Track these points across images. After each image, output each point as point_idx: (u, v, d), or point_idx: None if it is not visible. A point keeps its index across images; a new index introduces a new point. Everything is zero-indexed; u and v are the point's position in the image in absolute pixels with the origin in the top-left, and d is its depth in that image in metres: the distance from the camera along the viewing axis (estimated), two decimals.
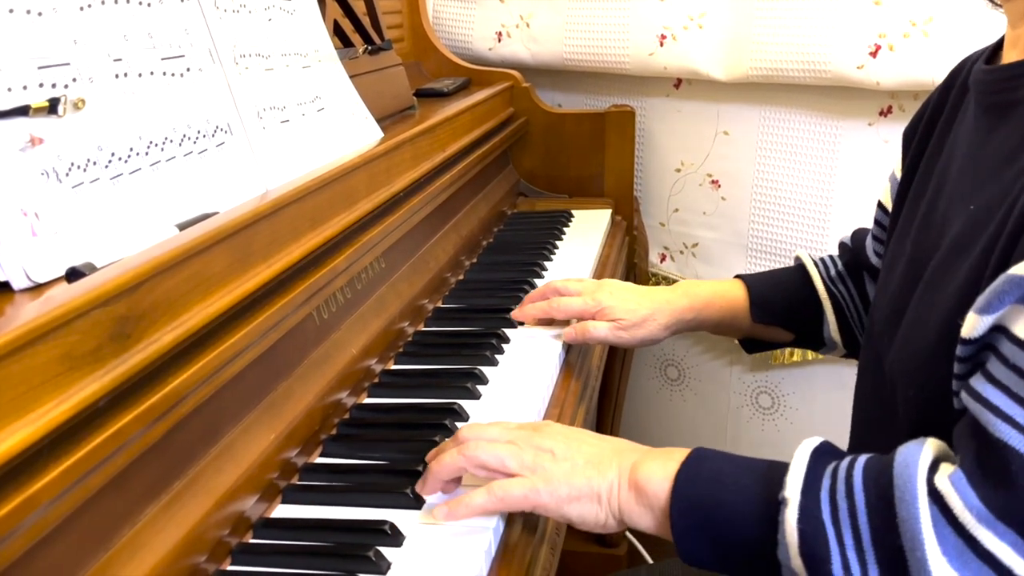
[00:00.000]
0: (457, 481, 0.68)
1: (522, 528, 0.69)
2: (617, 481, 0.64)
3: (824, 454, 0.59)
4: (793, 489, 0.55)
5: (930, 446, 0.54)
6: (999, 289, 0.51)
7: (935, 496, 0.51)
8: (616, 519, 0.65)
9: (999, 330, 0.52)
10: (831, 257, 0.99)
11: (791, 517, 0.54)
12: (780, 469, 0.58)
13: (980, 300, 0.52)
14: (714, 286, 1.00)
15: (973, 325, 0.52)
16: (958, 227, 0.64)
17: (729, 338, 1.60)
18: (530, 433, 0.68)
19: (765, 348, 1.04)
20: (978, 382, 0.53)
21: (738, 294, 0.99)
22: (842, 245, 0.99)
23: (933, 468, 0.53)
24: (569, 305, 0.97)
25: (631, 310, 0.94)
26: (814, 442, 0.60)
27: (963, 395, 0.54)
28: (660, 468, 0.63)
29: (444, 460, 0.66)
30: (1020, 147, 0.59)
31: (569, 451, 0.66)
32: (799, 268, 0.99)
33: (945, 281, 0.62)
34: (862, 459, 0.56)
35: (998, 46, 0.69)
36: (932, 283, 0.65)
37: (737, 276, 1.01)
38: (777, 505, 0.56)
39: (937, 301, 0.62)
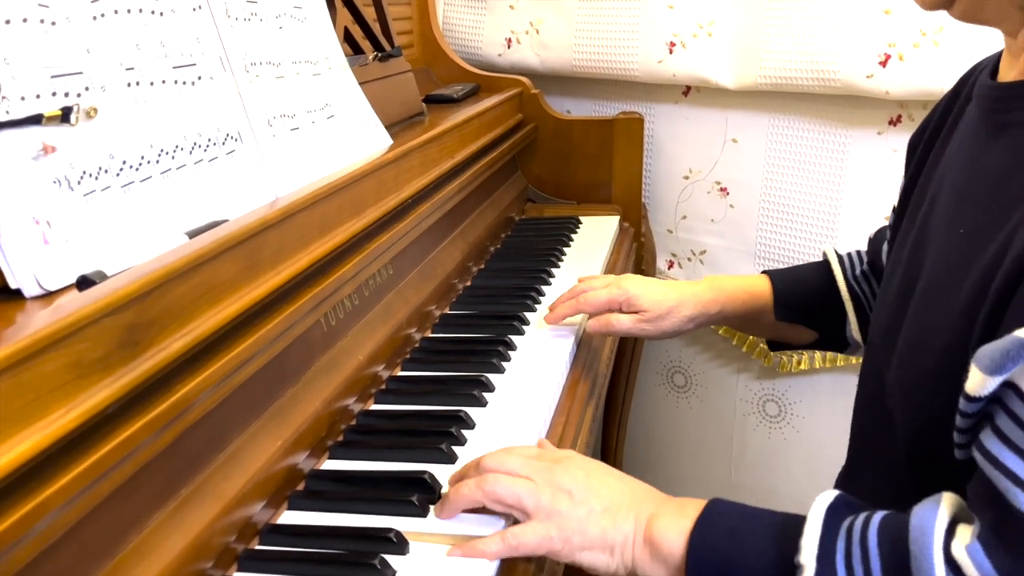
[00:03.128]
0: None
1: None
2: (632, 535, 0.63)
3: (839, 510, 0.58)
4: (808, 555, 0.55)
5: (946, 507, 0.53)
6: (1010, 352, 0.49)
7: (952, 565, 0.50)
8: (627, 571, 0.64)
9: (1008, 386, 0.51)
10: (858, 253, 0.97)
11: None
12: (795, 528, 0.57)
13: (984, 359, 0.51)
14: (740, 281, 0.99)
15: (980, 384, 0.51)
16: (947, 249, 0.63)
17: (737, 345, 1.61)
18: (550, 467, 0.67)
19: (789, 347, 1.03)
20: (992, 442, 0.51)
21: (763, 290, 0.98)
22: (869, 242, 0.97)
23: (950, 532, 0.52)
24: (596, 298, 0.97)
25: (657, 301, 0.94)
26: (828, 497, 0.59)
27: (976, 454, 0.53)
28: (675, 524, 0.62)
29: (462, 491, 0.66)
30: (1010, 173, 0.59)
31: (587, 494, 0.65)
32: (824, 264, 0.98)
33: (937, 310, 0.62)
34: (876, 518, 0.56)
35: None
36: (924, 307, 0.65)
37: (764, 272, 1.00)
38: (792, 568, 0.55)
39: (931, 331, 0.62)
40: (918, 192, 0.75)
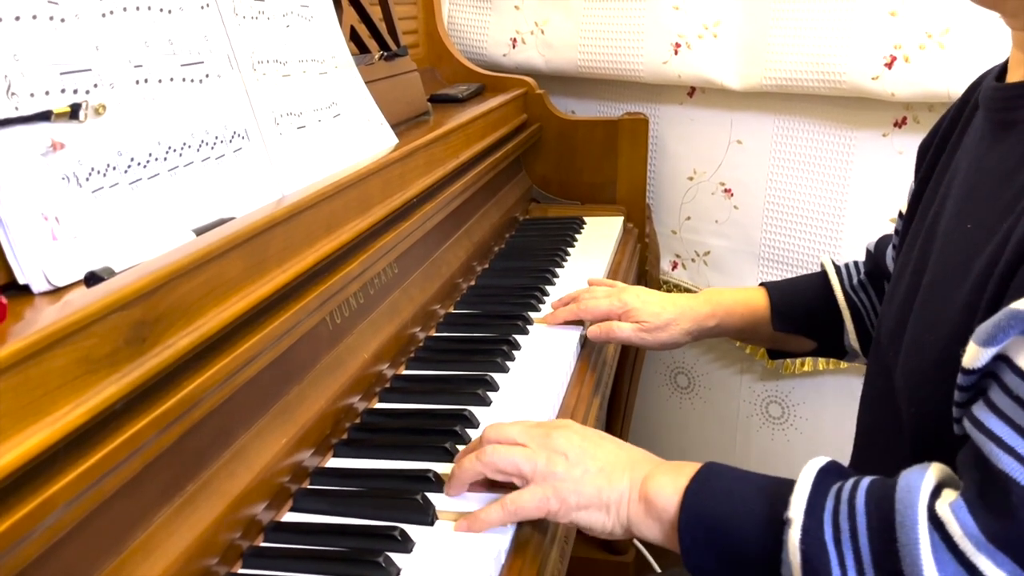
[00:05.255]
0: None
1: (532, 534, 0.69)
2: (628, 493, 0.65)
3: (830, 474, 0.59)
4: (797, 509, 0.56)
5: (933, 471, 0.54)
6: (1001, 323, 0.51)
7: (935, 522, 0.51)
8: (623, 528, 0.66)
9: (1001, 359, 0.52)
10: (856, 263, 0.99)
11: (794, 537, 0.55)
12: (786, 487, 0.59)
13: (980, 332, 0.52)
14: (737, 294, 1.01)
15: (975, 356, 0.53)
16: (954, 245, 0.64)
17: (740, 347, 1.61)
18: (547, 432, 0.69)
19: (789, 355, 1.04)
20: (981, 411, 0.53)
21: (760, 302, 0.99)
22: (868, 252, 0.99)
23: (935, 494, 0.53)
24: (596, 306, 0.99)
25: (655, 314, 0.97)
26: (820, 462, 0.60)
27: (966, 423, 0.54)
28: (670, 482, 0.64)
29: (464, 465, 0.68)
30: (1016, 168, 0.60)
31: (583, 456, 0.67)
32: (822, 275, 1.00)
33: (942, 302, 0.63)
34: (865, 481, 0.57)
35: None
36: (930, 301, 0.66)
37: (762, 284, 1.02)
38: (782, 524, 0.57)
39: (936, 323, 0.63)
40: (927, 196, 0.76)
